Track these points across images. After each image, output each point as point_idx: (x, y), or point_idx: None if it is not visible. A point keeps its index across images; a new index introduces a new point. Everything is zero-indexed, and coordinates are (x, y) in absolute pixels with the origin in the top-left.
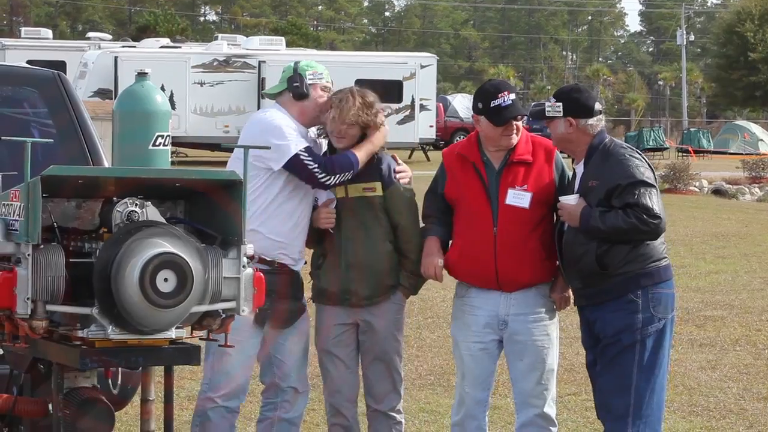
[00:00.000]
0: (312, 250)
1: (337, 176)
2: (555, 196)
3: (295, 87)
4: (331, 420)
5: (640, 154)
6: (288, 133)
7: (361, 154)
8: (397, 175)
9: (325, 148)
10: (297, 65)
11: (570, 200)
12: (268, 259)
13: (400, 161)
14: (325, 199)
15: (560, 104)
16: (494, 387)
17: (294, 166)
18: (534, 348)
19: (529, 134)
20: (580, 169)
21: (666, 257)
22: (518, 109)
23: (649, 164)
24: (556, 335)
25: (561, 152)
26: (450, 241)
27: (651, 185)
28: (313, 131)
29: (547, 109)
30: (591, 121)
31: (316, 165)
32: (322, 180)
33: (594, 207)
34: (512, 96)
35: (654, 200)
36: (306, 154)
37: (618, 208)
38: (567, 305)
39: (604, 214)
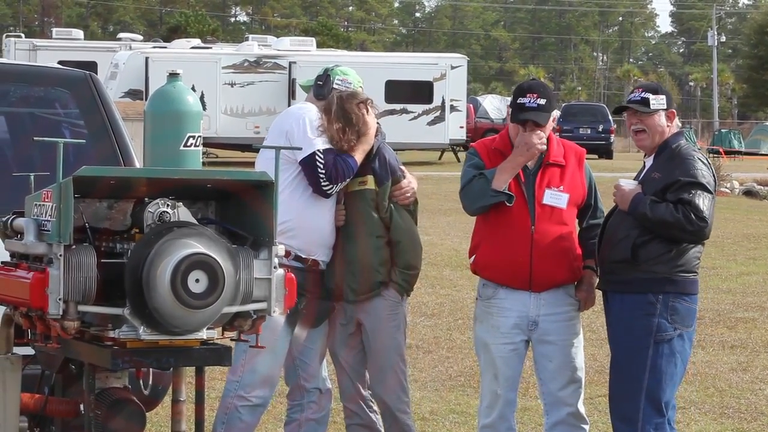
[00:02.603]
0: None
1: (338, 185)
2: (584, 200)
3: (318, 85)
4: (347, 421)
5: (708, 162)
6: (318, 130)
7: (358, 156)
8: (397, 194)
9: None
10: (333, 67)
11: (628, 184)
12: (303, 256)
13: (407, 174)
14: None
15: (663, 97)
16: (523, 389)
17: (308, 164)
18: (565, 347)
19: (559, 138)
20: (649, 162)
21: (696, 273)
22: (538, 115)
23: (713, 173)
24: (581, 334)
25: (637, 146)
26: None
27: (709, 191)
28: None
29: (652, 100)
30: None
31: (324, 171)
32: (324, 188)
33: (648, 196)
34: (540, 101)
35: (706, 204)
36: (321, 157)
37: (670, 202)
38: (591, 305)
39: (655, 204)
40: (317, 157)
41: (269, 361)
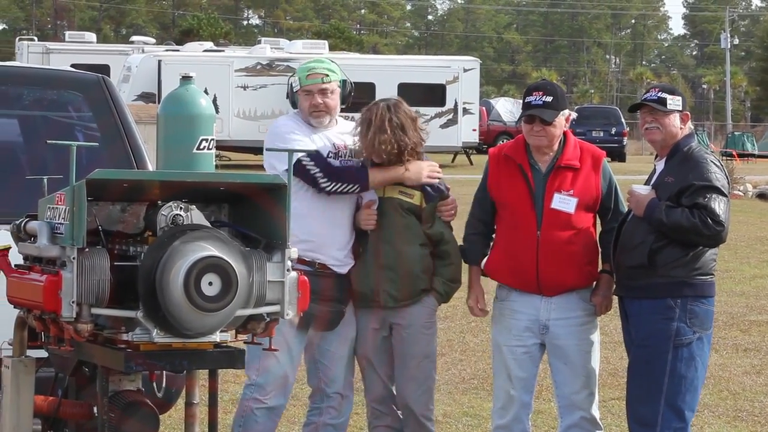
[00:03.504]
0: None
1: (341, 186)
2: (599, 204)
3: (287, 96)
4: (374, 422)
5: (721, 164)
6: (291, 139)
7: (376, 177)
8: (444, 209)
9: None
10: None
11: (641, 189)
12: (307, 259)
13: (448, 192)
14: (368, 199)
15: (679, 98)
16: (538, 391)
17: (297, 172)
18: (576, 352)
19: (577, 140)
20: (660, 166)
21: (713, 275)
22: (543, 111)
23: (726, 175)
24: (598, 339)
25: (652, 148)
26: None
27: (723, 194)
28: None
29: (669, 100)
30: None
31: (319, 170)
32: (324, 186)
33: (663, 201)
34: (547, 98)
35: (722, 208)
36: (308, 159)
37: (686, 206)
38: (607, 310)
39: (670, 209)
40: (303, 161)
41: (283, 364)
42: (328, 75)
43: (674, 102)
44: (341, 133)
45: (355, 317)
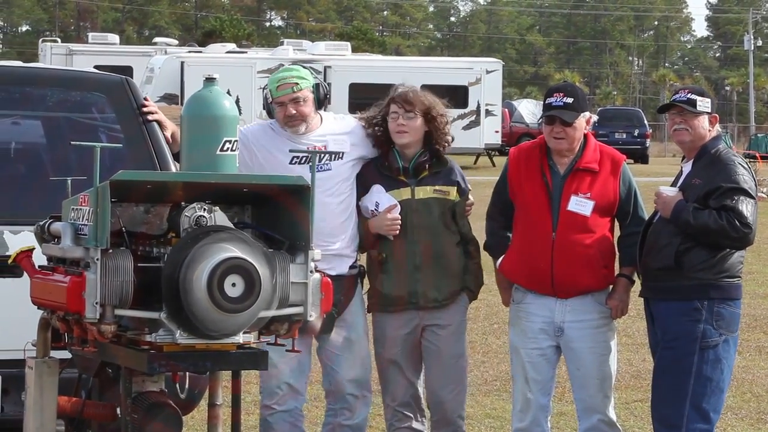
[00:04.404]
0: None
1: None
2: (618, 208)
3: (263, 107)
4: (396, 425)
5: (748, 166)
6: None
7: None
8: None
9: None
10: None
11: (669, 191)
12: None
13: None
14: (387, 204)
15: (708, 100)
16: (559, 393)
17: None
18: (591, 356)
19: (598, 143)
20: (687, 168)
21: (740, 277)
22: (563, 112)
23: (754, 178)
24: (615, 342)
25: (680, 149)
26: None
27: (751, 196)
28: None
29: (699, 102)
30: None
31: None
32: None
33: (690, 202)
34: (567, 99)
35: (750, 210)
36: None
37: (713, 208)
38: (623, 314)
39: (698, 211)
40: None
41: (283, 370)
42: (298, 83)
43: (704, 104)
44: (322, 135)
45: (378, 323)
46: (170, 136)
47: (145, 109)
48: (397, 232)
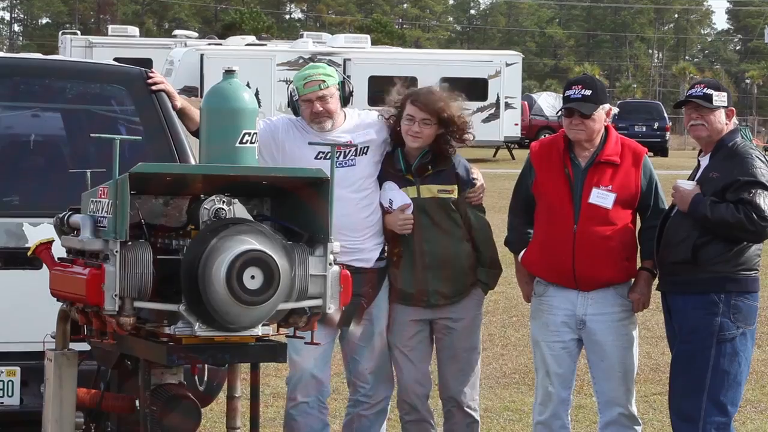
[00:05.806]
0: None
1: None
2: (639, 200)
3: (288, 104)
4: (405, 417)
5: (766, 159)
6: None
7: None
8: (471, 195)
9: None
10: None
11: (686, 185)
12: None
13: (474, 172)
14: (400, 202)
15: (725, 94)
16: (578, 386)
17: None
18: (613, 348)
19: (619, 136)
20: (705, 161)
21: (758, 270)
22: (582, 105)
23: None
24: (636, 335)
25: (697, 143)
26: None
27: None
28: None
29: (715, 96)
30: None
31: None
32: None
33: (708, 196)
34: (586, 92)
35: (767, 203)
36: None
37: (731, 202)
38: (645, 307)
39: (715, 204)
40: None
41: (307, 363)
42: (324, 80)
43: (720, 98)
44: (347, 131)
45: (392, 312)
46: (179, 107)
47: (150, 80)
48: (410, 231)
